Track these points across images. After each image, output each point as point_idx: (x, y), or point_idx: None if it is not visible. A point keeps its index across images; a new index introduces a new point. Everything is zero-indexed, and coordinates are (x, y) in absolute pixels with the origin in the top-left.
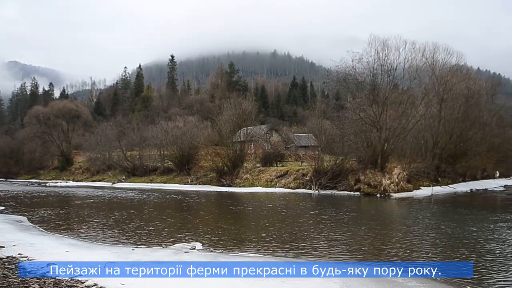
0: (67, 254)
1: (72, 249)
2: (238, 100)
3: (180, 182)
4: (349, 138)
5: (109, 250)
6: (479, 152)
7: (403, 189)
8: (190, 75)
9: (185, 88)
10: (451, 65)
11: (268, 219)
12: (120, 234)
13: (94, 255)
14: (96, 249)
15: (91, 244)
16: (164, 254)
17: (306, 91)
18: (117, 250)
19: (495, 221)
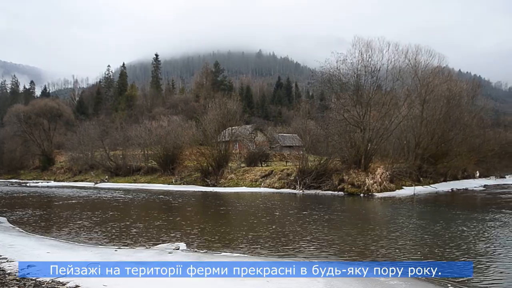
0: (48, 255)
1: (53, 250)
2: (223, 99)
3: (164, 182)
4: (333, 138)
5: (91, 251)
6: (460, 153)
7: (386, 189)
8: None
9: (170, 88)
10: (433, 67)
11: (253, 219)
12: (103, 235)
13: (76, 256)
14: (78, 250)
15: (72, 245)
16: (148, 255)
17: (291, 91)
18: (99, 251)
19: (475, 220)
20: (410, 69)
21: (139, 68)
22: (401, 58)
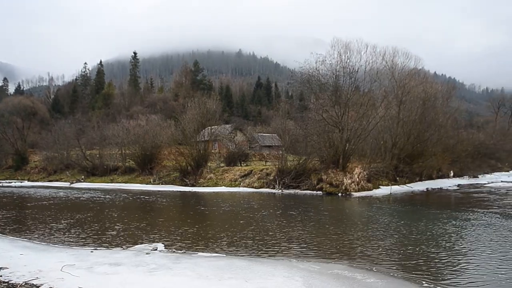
0: (21, 257)
1: (26, 252)
2: (203, 99)
3: (142, 182)
4: (312, 138)
5: (67, 252)
6: (435, 153)
7: (364, 188)
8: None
9: (148, 86)
10: (409, 69)
11: (232, 219)
12: (79, 236)
13: (51, 257)
14: (53, 251)
15: (47, 247)
16: (124, 256)
17: (270, 91)
18: (75, 252)
19: (449, 219)
20: (387, 70)
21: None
22: (378, 60)
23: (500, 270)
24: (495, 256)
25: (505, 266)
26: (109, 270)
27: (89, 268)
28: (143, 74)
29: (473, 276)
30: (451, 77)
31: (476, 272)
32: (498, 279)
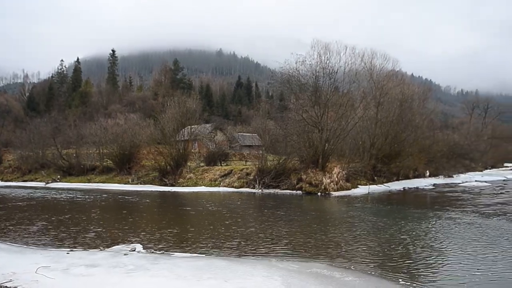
0: None
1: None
2: (182, 98)
3: (120, 181)
4: (292, 138)
5: (42, 254)
6: (412, 153)
7: (342, 188)
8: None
9: (127, 85)
10: (387, 70)
11: (212, 218)
12: (54, 237)
13: (25, 259)
14: (27, 253)
15: (21, 249)
16: (101, 257)
17: (251, 91)
18: (50, 254)
19: (425, 218)
20: (366, 72)
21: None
22: (357, 61)
23: (473, 267)
24: (469, 254)
25: (478, 264)
26: (85, 271)
27: (64, 270)
28: (122, 72)
29: (448, 273)
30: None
31: (451, 270)
32: (471, 276)
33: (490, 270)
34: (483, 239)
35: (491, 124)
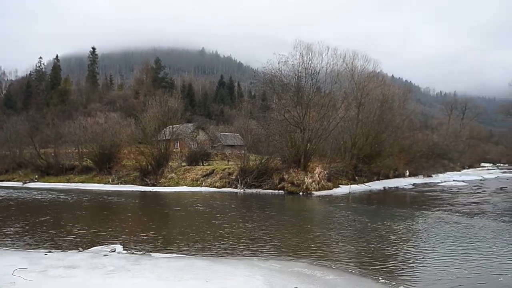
0: None
1: None
2: (164, 97)
3: (100, 181)
4: (274, 138)
5: (19, 255)
6: (392, 153)
7: (324, 188)
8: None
9: (107, 83)
10: (368, 71)
11: (193, 218)
12: (32, 239)
13: (1, 261)
14: (4, 255)
15: None
16: (80, 258)
17: (233, 90)
18: (28, 255)
19: (405, 217)
20: (348, 73)
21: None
22: (339, 62)
23: (452, 266)
24: (448, 252)
25: (456, 262)
26: (64, 273)
27: (42, 272)
28: (102, 70)
29: (427, 272)
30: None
31: (430, 268)
32: (449, 273)
33: (468, 268)
34: (462, 238)
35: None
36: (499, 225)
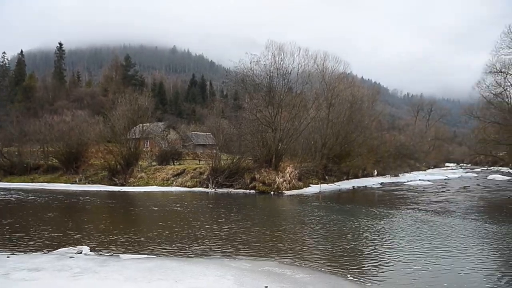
0: None
1: None
2: (134, 95)
3: (66, 181)
4: (246, 138)
5: None
6: (361, 153)
7: (295, 187)
8: (81, 66)
9: (75, 80)
10: (339, 72)
11: (163, 219)
12: None
13: None
14: None
15: None
16: (45, 260)
17: (205, 89)
18: None
19: (373, 215)
20: (319, 73)
21: (39, 56)
22: (310, 63)
23: (417, 262)
24: (414, 250)
25: (422, 258)
26: (28, 276)
27: (5, 275)
28: (70, 66)
29: (394, 268)
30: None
31: (396, 265)
32: (414, 270)
33: (432, 265)
34: (427, 236)
35: (434, 126)
36: (462, 223)
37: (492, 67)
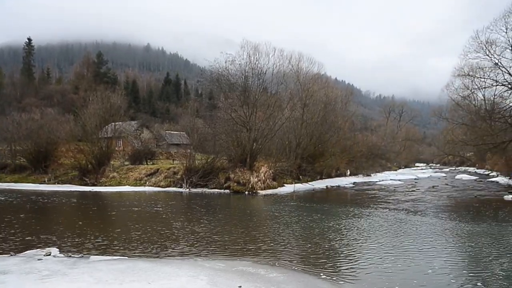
0: None
1: None
2: (106, 93)
3: (35, 181)
4: (220, 137)
5: None
6: (334, 153)
7: (269, 187)
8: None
9: (44, 77)
10: (313, 73)
11: (136, 219)
12: None
13: None
14: None
15: None
16: (12, 263)
17: (179, 88)
18: None
19: (346, 214)
20: (293, 74)
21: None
22: (285, 63)
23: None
24: (385, 248)
25: (392, 256)
26: None
27: None
28: (39, 63)
29: (365, 266)
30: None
31: (368, 262)
32: (385, 267)
33: (403, 263)
34: (398, 234)
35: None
36: (431, 221)
37: (460, 70)
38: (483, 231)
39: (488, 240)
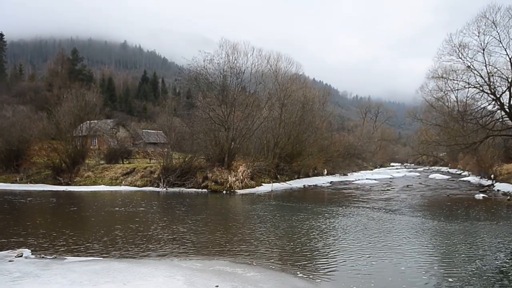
0: None
1: None
2: (81, 90)
3: (6, 180)
4: (198, 137)
5: None
6: (312, 153)
7: (247, 186)
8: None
9: (17, 73)
10: (291, 73)
11: (111, 219)
12: None
13: None
14: None
15: None
16: None
17: (157, 86)
18: None
19: (323, 213)
20: (272, 74)
21: None
22: (264, 63)
23: (365, 257)
24: (362, 245)
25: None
26: None
27: None
28: (11, 59)
29: (342, 264)
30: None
31: (345, 261)
32: (361, 265)
33: (380, 259)
34: (374, 232)
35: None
36: (405, 219)
37: (434, 72)
38: (455, 229)
39: (460, 237)
